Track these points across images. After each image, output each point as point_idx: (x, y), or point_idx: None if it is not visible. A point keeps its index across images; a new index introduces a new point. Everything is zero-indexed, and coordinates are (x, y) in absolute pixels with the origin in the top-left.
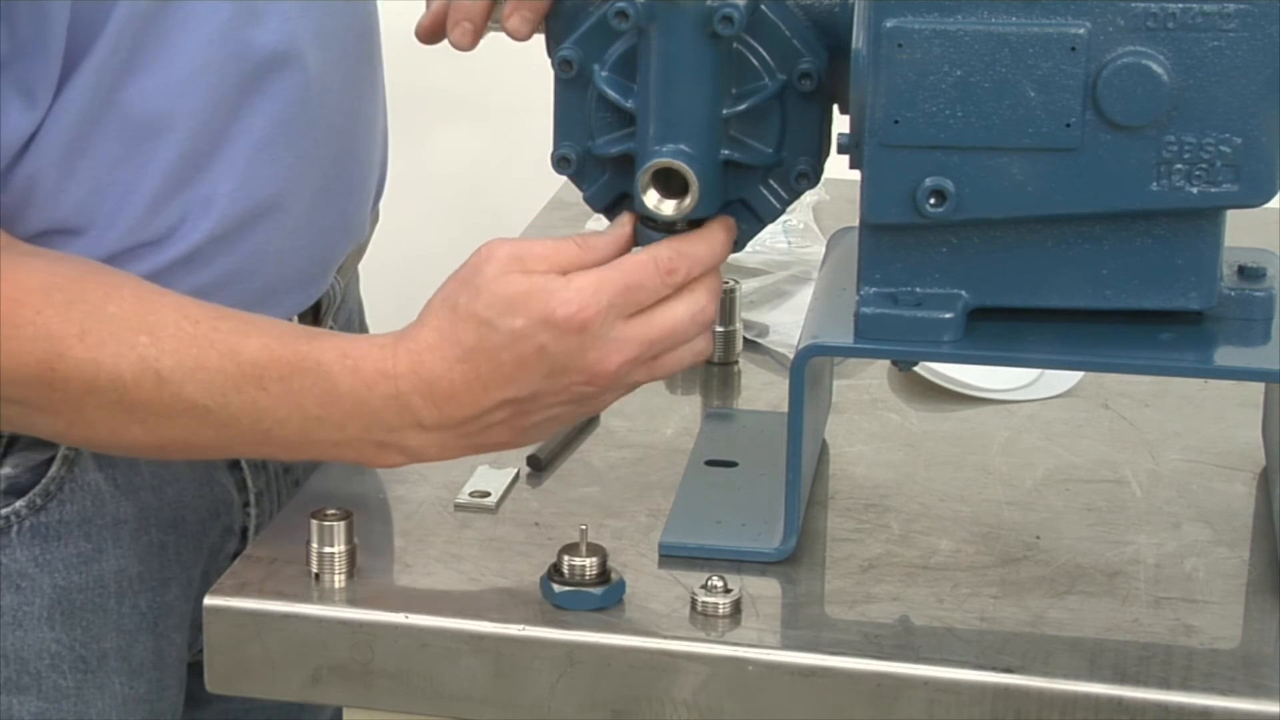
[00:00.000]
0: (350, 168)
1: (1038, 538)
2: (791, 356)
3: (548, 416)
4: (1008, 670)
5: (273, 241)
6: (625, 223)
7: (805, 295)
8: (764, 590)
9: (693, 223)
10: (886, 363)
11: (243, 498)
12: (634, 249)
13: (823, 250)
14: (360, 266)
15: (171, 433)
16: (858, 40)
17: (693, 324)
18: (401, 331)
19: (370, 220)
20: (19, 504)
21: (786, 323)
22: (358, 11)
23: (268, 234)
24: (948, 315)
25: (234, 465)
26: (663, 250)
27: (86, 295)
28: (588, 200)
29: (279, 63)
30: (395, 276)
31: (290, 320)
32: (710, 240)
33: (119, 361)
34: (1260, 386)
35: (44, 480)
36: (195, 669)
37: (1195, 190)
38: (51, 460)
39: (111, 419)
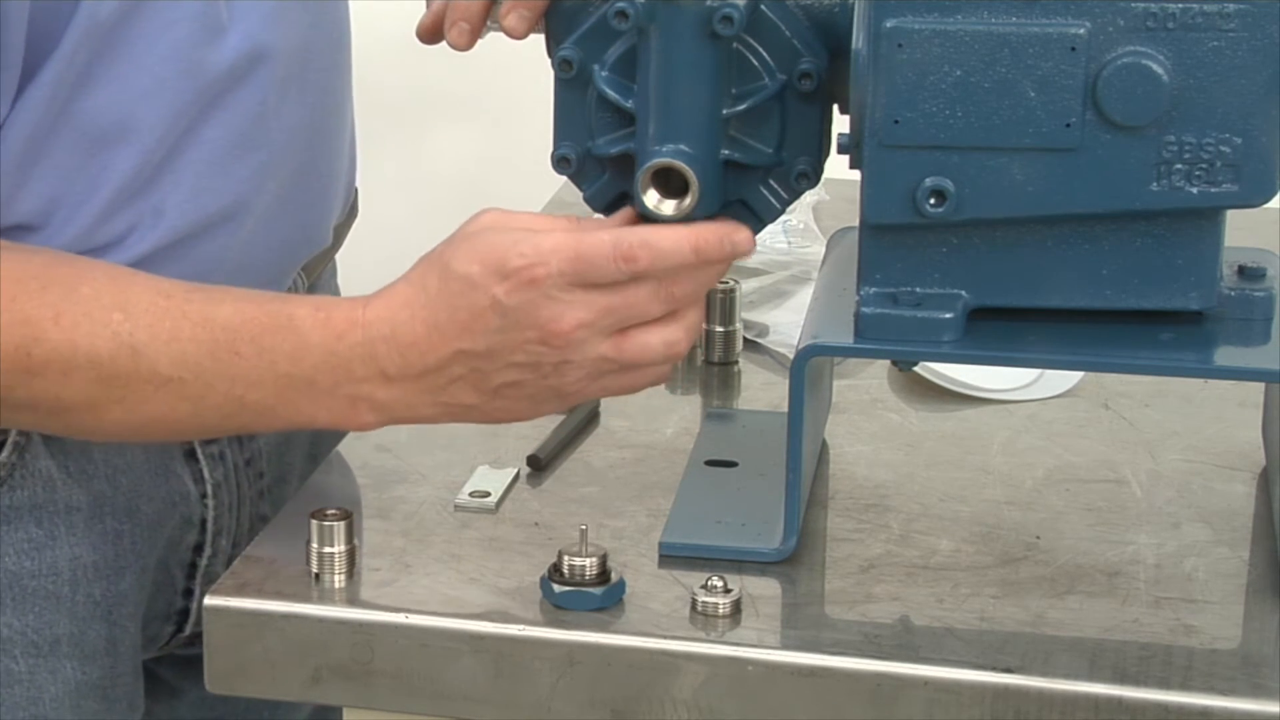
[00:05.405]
0: (310, 179)
1: (1038, 538)
2: (791, 356)
3: (510, 381)
4: (1008, 670)
5: (226, 252)
6: (626, 213)
7: (805, 295)
8: (764, 590)
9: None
10: (886, 363)
11: (200, 489)
12: None
13: (823, 250)
14: (356, 268)
15: (150, 410)
16: (858, 40)
17: (654, 301)
18: (382, 288)
19: (346, 215)
20: None
21: (786, 323)
22: (327, 23)
23: (221, 245)
24: (948, 315)
25: (190, 456)
26: (627, 235)
27: (59, 279)
28: (588, 200)
29: (239, 77)
30: (393, 278)
31: None
32: (678, 237)
33: (94, 340)
34: (1260, 386)
35: None
36: (171, 661)
37: (1195, 190)
38: (1, 446)
39: (91, 402)
